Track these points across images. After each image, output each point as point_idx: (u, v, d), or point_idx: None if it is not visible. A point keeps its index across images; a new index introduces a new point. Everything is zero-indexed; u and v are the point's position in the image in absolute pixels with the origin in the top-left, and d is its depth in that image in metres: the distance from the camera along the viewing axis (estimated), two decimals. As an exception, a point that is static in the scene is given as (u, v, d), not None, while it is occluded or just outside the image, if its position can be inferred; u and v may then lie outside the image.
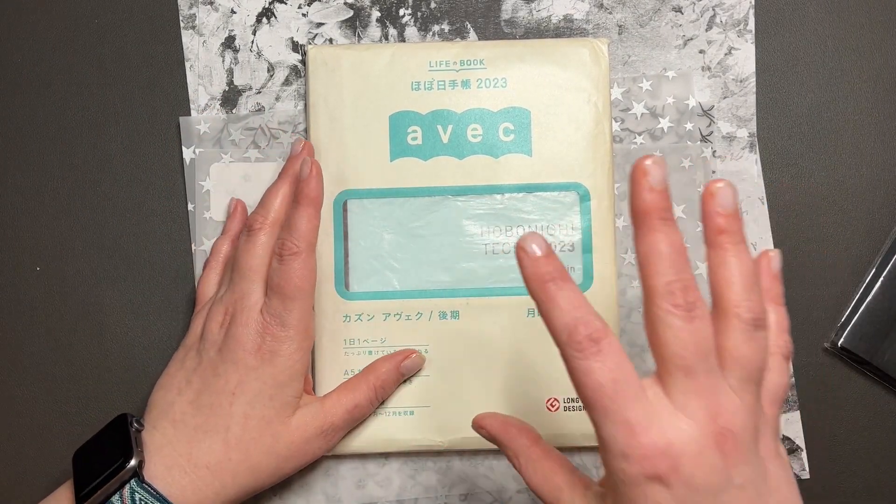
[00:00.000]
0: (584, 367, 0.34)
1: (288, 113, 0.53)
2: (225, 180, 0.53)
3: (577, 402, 0.51)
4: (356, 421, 0.49)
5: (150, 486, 0.42)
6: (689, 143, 0.53)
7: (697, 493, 0.33)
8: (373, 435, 0.51)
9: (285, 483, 0.51)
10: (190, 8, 0.54)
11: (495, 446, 0.49)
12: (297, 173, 0.49)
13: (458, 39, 0.54)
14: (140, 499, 0.42)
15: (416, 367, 0.50)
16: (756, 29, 0.54)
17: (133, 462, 0.43)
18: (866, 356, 0.52)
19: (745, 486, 0.34)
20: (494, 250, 0.51)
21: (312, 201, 0.47)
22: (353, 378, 0.49)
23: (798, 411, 0.52)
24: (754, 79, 0.53)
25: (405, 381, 0.51)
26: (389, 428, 0.51)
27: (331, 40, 0.54)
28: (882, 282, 0.52)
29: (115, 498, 0.42)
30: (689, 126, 0.53)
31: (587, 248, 0.51)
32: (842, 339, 0.52)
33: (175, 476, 0.43)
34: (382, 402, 0.50)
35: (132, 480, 0.42)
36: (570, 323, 0.34)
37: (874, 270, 0.52)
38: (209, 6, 0.54)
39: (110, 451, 0.43)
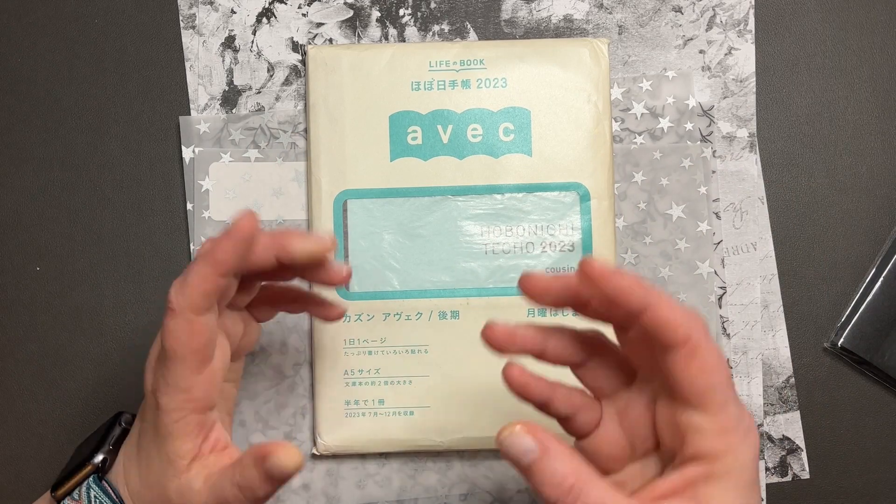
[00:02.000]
0: None
1: (288, 113, 0.53)
2: (224, 180, 0.53)
3: (577, 402, 0.51)
4: None
5: (108, 483, 0.43)
6: (689, 143, 0.53)
7: None
8: (373, 435, 0.51)
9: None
10: (190, 8, 0.54)
11: (496, 447, 0.48)
12: (226, 267, 0.39)
13: (458, 39, 0.54)
14: (94, 496, 0.42)
15: (284, 470, 0.37)
16: (756, 29, 0.54)
17: (97, 458, 0.43)
18: (866, 356, 0.52)
19: None
20: (494, 250, 0.51)
21: (217, 264, 0.38)
22: (230, 463, 0.40)
23: (798, 411, 0.52)
24: (754, 79, 0.53)
25: (405, 382, 0.51)
26: (389, 428, 0.51)
27: (331, 40, 0.54)
28: (882, 282, 0.52)
29: (76, 491, 0.43)
30: (689, 126, 0.53)
31: (587, 248, 0.51)
32: (842, 339, 0.52)
33: (120, 485, 0.43)
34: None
35: (91, 476, 0.43)
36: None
37: (874, 270, 0.52)
38: (209, 6, 0.54)
39: (93, 446, 0.44)
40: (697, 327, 0.35)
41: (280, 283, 0.45)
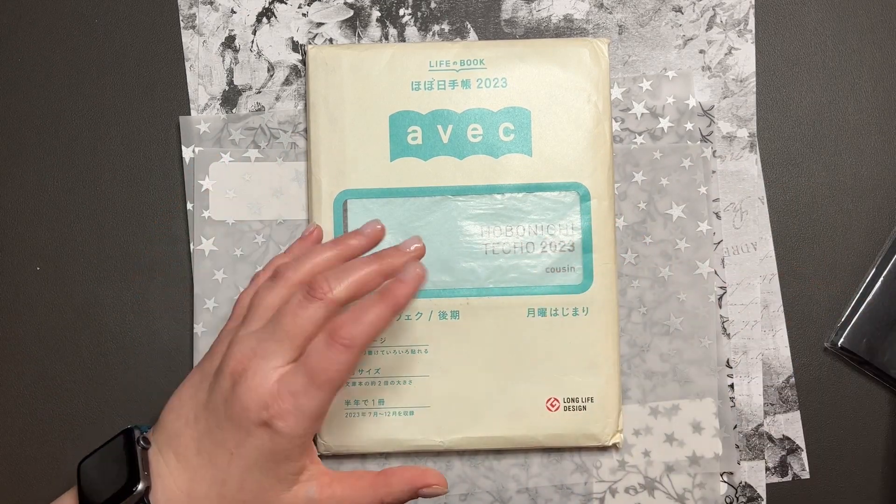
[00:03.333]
0: None
1: (288, 113, 0.53)
2: (224, 180, 0.53)
3: (577, 401, 0.51)
4: None
5: None
6: (689, 143, 0.53)
7: None
8: (373, 435, 0.51)
9: (285, 483, 0.51)
10: (190, 8, 0.54)
11: (496, 447, 0.49)
12: (358, 249, 0.45)
13: (458, 39, 0.54)
14: None
15: (436, 495, 0.44)
16: (756, 29, 0.54)
17: (141, 487, 0.42)
18: (866, 356, 0.52)
19: None
20: (494, 250, 0.51)
21: (397, 306, 0.42)
22: (365, 478, 0.44)
23: (798, 411, 0.52)
24: (754, 79, 0.53)
25: (405, 382, 0.51)
26: (389, 428, 0.51)
27: (331, 40, 0.54)
28: (882, 282, 0.52)
29: None
30: (689, 126, 0.53)
31: (587, 247, 0.51)
32: (842, 339, 0.52)
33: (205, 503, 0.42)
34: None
35: None
36: None
37: (874, 270, 0.52)
38: (209, 6, 0.54)
39: (117, 469, 0.43)
40: None
41: None
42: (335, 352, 0.40)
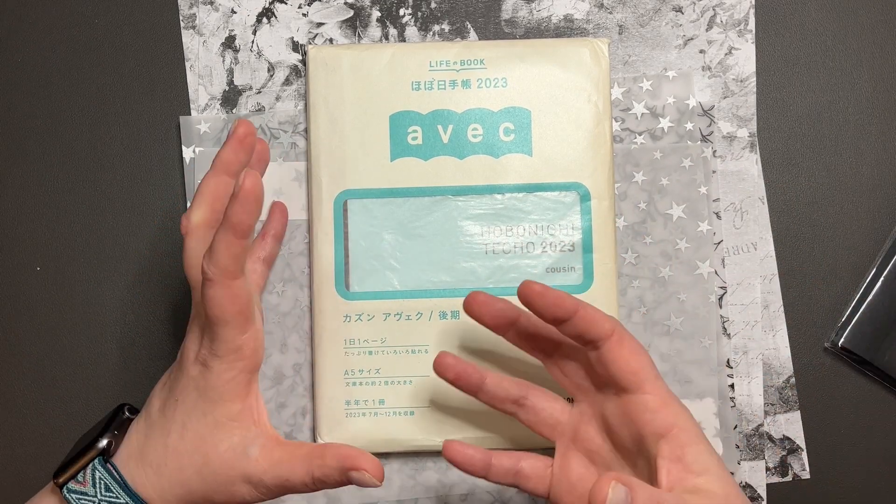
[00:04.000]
0: None
1: (288, 113, 0.53)
2: (225, 180, 0.53)
3: (578, 402, 0.51)
4: (286, 492, 0.44)
5: (113, 466, 0.43)
6: (689, 142, 0.53)
7: None
8: (373, 435, 0.51)
9: (285, 483, 0.51)
10: (190, 8, 0.54)
11: (497, 447, 0.49)
12: (230, 165, 0.45)
13: (458, 39, 0.54)
14: (100, 477, 0.43)
15: (366, 485, 0.42)
16: (756, 29, 0.54)
17: (102, 443, 0.44)
18: (866, 356, 0.52)
19: None
20: (494, 250, 0.51)
21: (235, 228, 0.40)
22: (303, 448, 0.43)
23: (798, 411, 0.52)
24: (754, 79, 0.53)
25: (405, 382, 0.51)
26: (389, 428, 0.51)
27: (331, 40, 0.54)
28: (882, 282, 0.52)
29: (80, 474, 0.43)
30: (689, 126, 0.53)
31: (587, 247, 0.51)
32: (842, 339, 0.52)
33: (130, 467, 0.44)
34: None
35: (97, 459, 0.43)
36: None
37: (874, 270, 0.53)
38: (209, 6, 0.54)
39: (96, 434, 0.45)
40: (617, 322, 0.43)
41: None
42: (205, 287, 0.41)
